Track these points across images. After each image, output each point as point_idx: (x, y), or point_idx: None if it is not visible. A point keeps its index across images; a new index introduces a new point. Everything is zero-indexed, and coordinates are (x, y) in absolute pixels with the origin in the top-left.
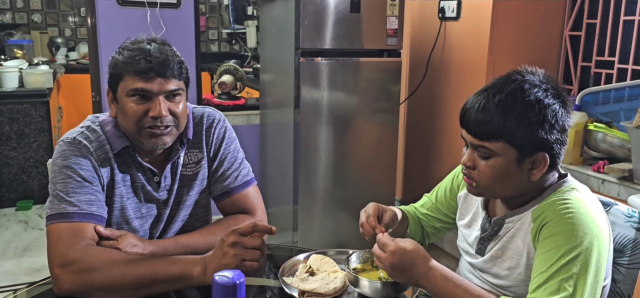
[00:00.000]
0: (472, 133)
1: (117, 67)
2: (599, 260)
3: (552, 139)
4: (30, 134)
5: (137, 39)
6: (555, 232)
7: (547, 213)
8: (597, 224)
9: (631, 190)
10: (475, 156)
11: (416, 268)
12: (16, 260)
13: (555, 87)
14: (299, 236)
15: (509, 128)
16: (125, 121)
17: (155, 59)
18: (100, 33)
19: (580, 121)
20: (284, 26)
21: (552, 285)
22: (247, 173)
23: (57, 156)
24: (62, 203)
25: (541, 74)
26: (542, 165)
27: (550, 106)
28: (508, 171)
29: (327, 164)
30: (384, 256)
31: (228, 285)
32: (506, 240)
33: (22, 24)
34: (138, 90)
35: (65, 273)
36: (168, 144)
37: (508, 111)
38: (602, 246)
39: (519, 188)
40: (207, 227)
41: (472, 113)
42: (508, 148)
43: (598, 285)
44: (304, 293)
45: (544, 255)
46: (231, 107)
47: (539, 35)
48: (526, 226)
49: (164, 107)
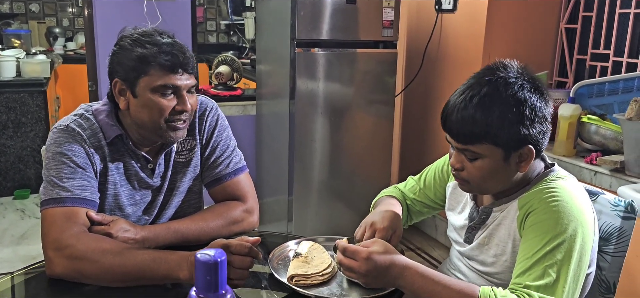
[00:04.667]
0: (455, 137)
1: (142, 60)
2: (582, 247)
3: (534, 132)
4: (27, 123)
5: (147, 31)
6: (541, 220)
7: (533, 201)
8: (581, 212)
9: (623, 181)
10: (463, 158)
11: (392, 269)
12: (13, 247)
13: (531, 79)
14: (293, 226)
15: (491, 130)
16: (149, 115)
17: (182, 55)
18: (97, 23)
19: (574, 114)
20: (280, 17)
21: (536, 270)
22: (238, 160)
23: (51, 143)
24: (55, 188)
25: (516, 68)
26: (529, 157)
27: (528, 100)
28: (496, 169)
29: (323, 155)
30: (357, 264)
31: (210, 262)
32: (493, 228)
33: (20, 13)
34: (169, 86)
35: (58, 257)
36: (184, 137)
37: (488, 112)
38: (586, 234)
39: (510, 181)
40: (199, 213)
41: (453, 117)
42: (493, 148)
43: (581, 272)
44: (293, 278)
45: (529, 242)
46: (227, 97)
47: (535, 28)
48: (512, 214)
49: (190, 101)
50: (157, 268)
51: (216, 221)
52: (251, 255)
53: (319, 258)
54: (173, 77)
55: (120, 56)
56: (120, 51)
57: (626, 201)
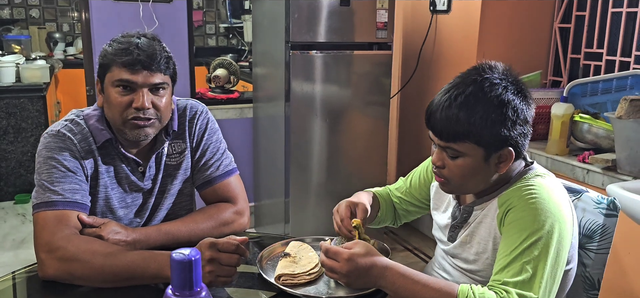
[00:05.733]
0: (438, 135)
1: (106, 57)
2: (559, 243)
3: (515, 134)
4: (27, 128)
5: (129, 33)
6: (519, 217)
7: (512, 199)
8: (559, 208)
9: (614, 179)
10: (444, 156)
11: (373, 270)
12: (13, 251)
13: (515, 82)
14: (290, 229)
15: (473, 130)
16: (110, 111)
17: (142, 52)
18: (94, 28)
19: (566, 112)
20: (274, 20)
21: (514, 267)
22: (229, 163)
23: (42, 148)
24: (46, 192)
25: (500, 69)
26: (508, 159)
27: (511, 102)
28: (476, 169)
29: (319, 157)
30: (338, 265)
31: (184, 261)
32: (475, 226)
33: (20, 19)
34: (123, 81)
35: (50, 259)
36: (150, 136)
37: (471, 112)
38: (564, 230)
39: (489, 182)
40: (190, 215)
41: (437, 115)
42: (474, 148)
43: (559, 268)
44: (280, 277)
45: (508, 239)
46: (224, 100)
47: (528, 28)
48: (493, 212)
49: (147, 99)
50: (147, 267)
51: (207, 223)
52: (238, 252)
53: (306, 258)
54: (128, 72)
55: (99, 56)
56: (101, 52)
57: (609, 199)
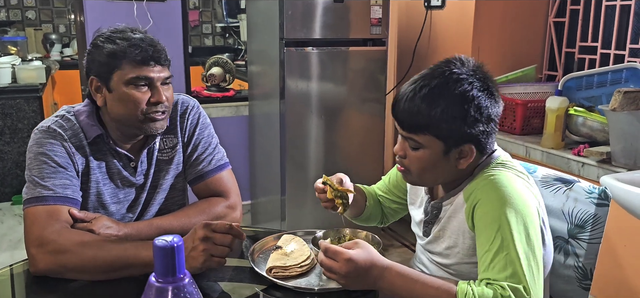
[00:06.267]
0: (400, 125)
1: (114, 56)
2: (528, 228)
3: (476, 132)
4: (23, 129)
5: (119, 28)
6: (485, 211)
7: (477, 192)
8: (520, 195)
9: (609, 172)
10: (406, 146)
11: (372, 271)
12: (11, 252)
13: (483, 79)
14: (286, 226)
15: (434, 122)
16: (125, 108)
17: (152, 47)
18: (89, 28)
19: (561, 106)
20: (269, 17)
21: (498, 262)
22: (221, 157)
23: (33, 144)
24: (37, 187)
25: (471, 65)
26: (469, 156)
27: (475, 99)
28: (435, 162)
29: (315, 154)
30: (337, 265)
31: (167, 247)
32: (445, 222)
33: (17, 21)
34: (141, 78)
35: (41, 254)
36: (165, 128)
37: (433, 105)
38: (529, 215)
39: (450, 176)
40: (182, 210)
41: (400, 105)
42: (434, 141)
43: (536, 250)
44: (271, 270)
45: (481, 237)
46: (220, 99)
47: (523, 22)
48: (460, 206)
49: (163, 93)
50: (139, 256)
51: (199, 217)
52: (232, 233)
53: (298, 251)
54: (145, 69)
55: (94, 54)
56: (93, 49)
57: (600, 188)
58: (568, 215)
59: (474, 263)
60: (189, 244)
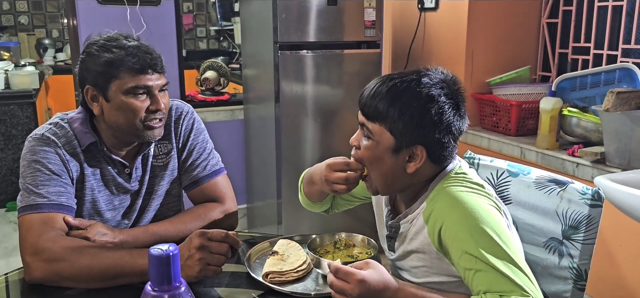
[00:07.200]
0: (361, 109)
1: (111, 65)
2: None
3: (431, 137)
4: (17, 135)
5: (112, 36)
6: (456, 232)
7: (436, 213)
8: (479, 204)
9: (604, 172)
10: (361, 136)
11: (385, 293)
12: (6, 259)
13: (454, 91)
14: (283, 230)
15: (391, 114)
16: (124, 117)
17: (149, 55)
18: (82, 32)
19: (555, 107)
20: (262, 21)
21: (492, 279)
22: (216, 162)
23: (26, 152)
24: (31, 195)
25: (445, 75)
26: (418, 160)
27: (438, 104)
28: (383, 158)
29: (310, 157)
30: (349, 287)
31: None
32: (408, 242)
33: (9, 26)
34: (140, 87)
35: (36, 261)
36: (162, 135)
37: (395, 98)
38: (497, 223)
39: (400, 181)
40: (177, 216)
41: (366, 91)
42: (386, 134)
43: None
44: (268, 275)
45: (462, 260)
46: (215, 102)
47: (516, 24)
48: (420, 227)
49: (161, 100)
50: (134, 263)
51: (195, 223)
52: (228, 241)
53: (294, 256)
54: (143, 77)
55: (89, 62)
56: (88, 58)
57: (593, 189)
58: (562, 216)
59: (442, 282)
60: (185, 253)
